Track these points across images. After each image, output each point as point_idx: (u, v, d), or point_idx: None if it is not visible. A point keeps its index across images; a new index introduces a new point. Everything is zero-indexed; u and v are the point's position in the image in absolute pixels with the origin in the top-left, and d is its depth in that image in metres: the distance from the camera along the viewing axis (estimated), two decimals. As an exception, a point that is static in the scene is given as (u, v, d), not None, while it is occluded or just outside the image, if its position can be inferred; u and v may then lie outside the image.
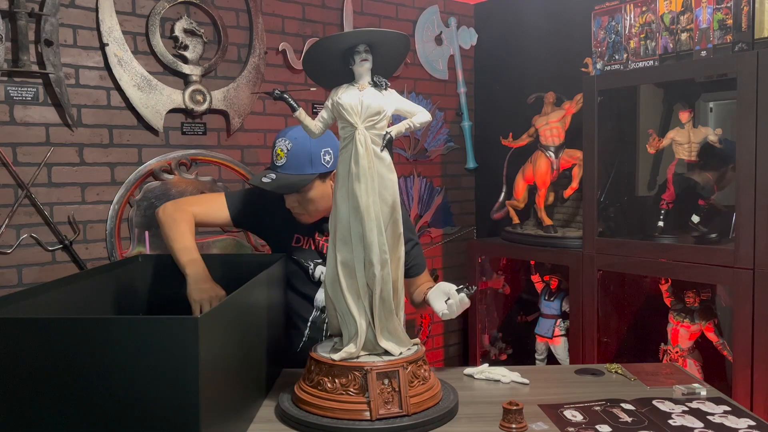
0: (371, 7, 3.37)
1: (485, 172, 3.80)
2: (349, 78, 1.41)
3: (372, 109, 1.36)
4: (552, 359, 3.04)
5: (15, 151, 2.40)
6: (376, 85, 1.39)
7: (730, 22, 2.26)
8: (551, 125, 3.05)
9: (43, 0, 2.41)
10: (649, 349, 2.63)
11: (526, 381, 1.63)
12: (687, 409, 1.45)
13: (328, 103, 1.41)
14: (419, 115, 1.44)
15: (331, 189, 1.71)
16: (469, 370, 1.71)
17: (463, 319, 3.47)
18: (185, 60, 2.77)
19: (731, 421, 1.38)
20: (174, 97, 2.74)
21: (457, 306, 1.60)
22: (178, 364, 1.06)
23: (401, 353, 1.42)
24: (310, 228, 1.85)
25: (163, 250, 2.68)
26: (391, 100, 1.40)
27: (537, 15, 3.42)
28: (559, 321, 2.97)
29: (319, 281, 1.82)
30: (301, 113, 1.44)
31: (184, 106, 2.76)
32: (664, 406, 1.47)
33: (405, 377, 1.35)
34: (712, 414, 1.42)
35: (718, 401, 1.51)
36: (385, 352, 1.42)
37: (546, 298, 3.03)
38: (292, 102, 1.44)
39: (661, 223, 2.57)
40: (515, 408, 1.33)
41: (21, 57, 2.34)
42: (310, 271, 1.84)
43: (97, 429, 1.08)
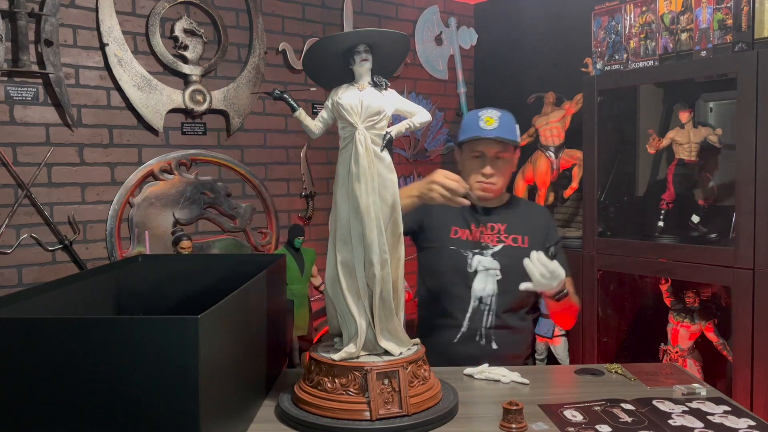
0: (371, 7, 3.37)
1: (485, 172, 3.80)
2: (349, 78, 1.41)
3: (372, 109, 1.36)
4: (552, 359, 3.04)
5: (15, 151, 2.39)
6: (376, 85, 1.39)
7: (730, 22, 2.26)
8: (551, 125, 3.05)
9: (43, 0, 2.41)
10: (649, 349, 2.63)
11: (526, 381, 1.63)
12: (687, 409, 1.45)
13: (328, 103, 1.42)
14: (419, 115, 1.44)
15: (514, 166, 1.99)
16: (469, 370, 1.71)
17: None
18: (185, 60, 2.77)
19: (731, 421, 1.38)
20: (174, 97, 2.74)
21: (538, 271, 1.68)
22: (178, 364, 1.06)
23: (401, 353, 1.41)
24: (467, 218, 1.95)
25: (162, 250, 2.69)
26: (391, 100, 1.40)
27: (537, 15, 3.42)
28: (559, 321, 2.97)
29: (476, 272, 1.90)
30: (301, 113, 1.44)
31: (184, 106, 2.76)
32: (664, 406, 1.47)
33: (405, 377, 1.35)
34: (712, 414, 1.42)
35: (718, 401, 1.51)
36: (385, 352, 1.42)
37: (546, 298, 3.02)
38: (292, 102, 1.44)
39: (661, 223, 2.57)
40: (515, 408, 1.33)
41: (21, 57, 2.34)
42: (468, 261, 1.90)
43: (97, 429, 1.08)
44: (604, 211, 2.74)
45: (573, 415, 1.41)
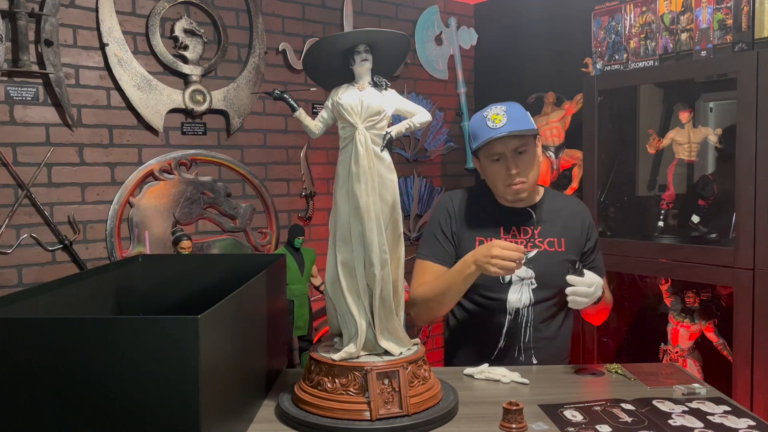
0: (371, 7, 3.37)
1: (485, 172, 3.80)
2: (349, 78, 1.41)
3: (372, 109, 1.36)
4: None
5: (15, 151, 2.40)
6: (376, 85, 1.39)
7: (730, 22, 2.26)
8: (551, 125, 3.05)
9: (43, 0, 2.41)
10: (649, 349, 2.63)
11: (526, 381, 1.63)
12: (687, 409, 1.45)
13: (328, 103, 1.42)
14: (419, 115, 1.44)
15: (540, 155, 1.85)
16: (469, 370, 1.71)
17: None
18: (185, 60, 2.77)
19: (731, 421, 1.38)
20: (174, 97, 2.74)
21: (576, 292, 1.63)
22: (178, 364, 1.06)
23: (401, 353, 1.41)
24: (496, 224, 1.84)
25: (162, 250, 2.69)
26: (391, 100, 1.40)
27: (537, 15, 3.42)
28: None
29: (510, 282, 1.81)
30: (301, 113, 1.44)
31: (184, 106, 2.76)
32: (664, 406, 1.47)
33: (405, 377, 1.35)
34: (712, 414, 1.42)
35: (718, 401, 1.51)
36: (385, 352, 1.42)
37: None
38: (292, 102, 1.44)
39: (661, 223, 2.57)
40: (515, 408, 1.33)
41: (21, 57, 2.34)
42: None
43: (97, 429, 1.08)
44: (604, 211, 2.74)
45: (573, 415, 1.41)
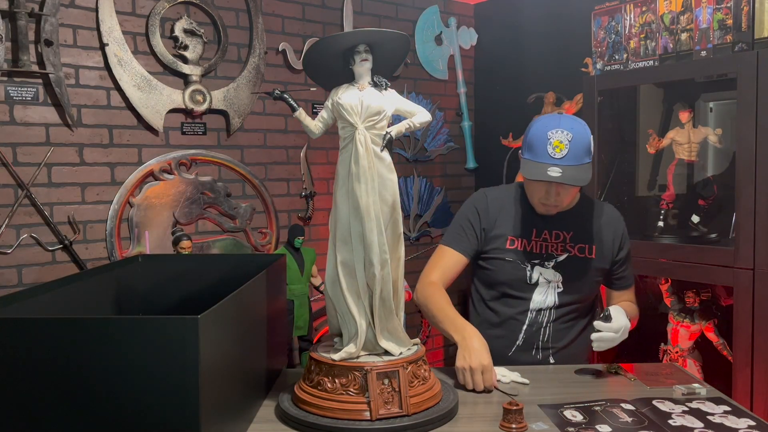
0: (371, 7, 3.37)
1: (485, 172, 3.80)
2: (349, 78, 1.41)
3: (372, 109, 1.36)
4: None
5: (15, 151, 2.40)
6: (376, 85, 1.39)
7: (730, 22, 2.26)
8: (551, 125, 3.04)
9: (43, 0, 2.41)
10: (649, 349, 2.63)
11: (526, 381, 1.63)
12: (687, 409, 1.45)
13: (328, 103, 1.42)
14: (419, 115, 1.44)
15: None
16: (469, 370, 1.71)
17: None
18: (185, 60, 2.77)
19: (731, 421, 1.38)
20: (174, 97, 2.74)
21: (602, 338, 1.64)
22: (178, 364, 1.06)
23: (401, 353, 1.41)
24: (528, 225, 1.82)
25: (162, 250, 2.69)
26: (391, 100, 1.40)
27: (537, 15, 3.42)
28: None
29: (536, 283, 1.80)
30: (301, 113, 1.44)
31: (184, 106, 2.76)
32: (664, 406, 1.47)
33: (405, 377, 1.35)
34: (712, 414, 1.42)
35: (718, 401, 1.51)
36: (385, 352, 1.42)
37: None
38: (292, 102, 1.44)
39: (661, 223, 2.57)
40: (515, 408, 1.33)
41: (21, 57, 2.34)
42: (527, 273, 1.80)
43: (97, 429, 1.08)
44: (604, 211, 2.73)
45: (573, 415, 1.41)
